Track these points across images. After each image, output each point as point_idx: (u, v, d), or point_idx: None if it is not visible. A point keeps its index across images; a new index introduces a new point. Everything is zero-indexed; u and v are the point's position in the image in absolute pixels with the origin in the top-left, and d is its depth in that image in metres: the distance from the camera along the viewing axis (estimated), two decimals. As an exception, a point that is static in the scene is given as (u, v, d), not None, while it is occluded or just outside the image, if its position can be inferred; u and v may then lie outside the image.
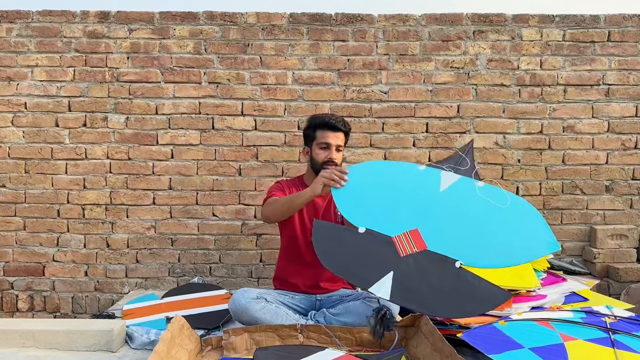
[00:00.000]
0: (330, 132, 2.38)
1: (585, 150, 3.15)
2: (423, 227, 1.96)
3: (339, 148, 2.40)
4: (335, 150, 2.38)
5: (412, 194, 2.05)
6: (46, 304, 3.14)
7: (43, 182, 3.14)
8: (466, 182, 2.10)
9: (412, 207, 2.02)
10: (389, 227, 1.97)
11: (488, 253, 1.98)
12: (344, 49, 3.12)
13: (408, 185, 2.07)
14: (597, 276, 3.02)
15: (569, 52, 3.13)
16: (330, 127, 2.38)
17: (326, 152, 2.38)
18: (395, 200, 2.04)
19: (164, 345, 1.78)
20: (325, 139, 2.38)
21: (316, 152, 2.40)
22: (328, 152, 2.38)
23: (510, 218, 2.07)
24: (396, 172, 2.15)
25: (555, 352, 1.80)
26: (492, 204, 2.04)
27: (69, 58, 3.13)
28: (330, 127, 2.38)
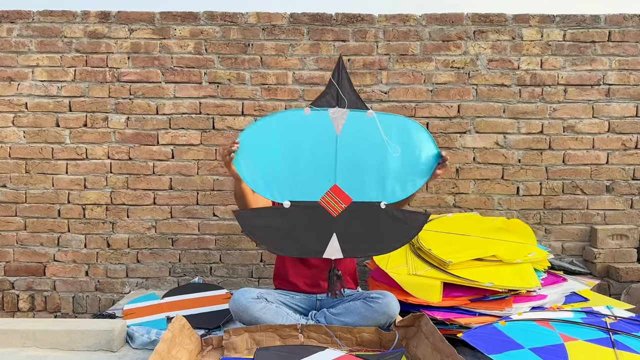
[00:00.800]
0: None
1: (585, 150, 3.15)
2: (340, 179, 1.97)
3: None
4: None
5: (315, 149, 1.98)
6: (47, 303, 3.15)
7: (44, 182, 3.14)
8: (356, 117, 2.02)
9: (322, 162, 1.98)
10: (310, 191, 1.96)
11: (398, 184, 2.03)
12: (344, 49, 3.12)
13: (306, 140, 1.98)
14: (597, 276, 3.02)
15: (569, 52, 3.13)
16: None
17: None
18: (303, 160, 1.98)
19: (164, 345, 1.79)
20: None
21: None
22: None
23: (402, 142, 2.06)
24: (287, 127, 2.00)
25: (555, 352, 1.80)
26: (388, 133, 2.03)
27: (70, 58, 3.13)
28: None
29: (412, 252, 2.59)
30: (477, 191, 3.16)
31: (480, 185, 3.16)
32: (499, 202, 3.16)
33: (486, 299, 2.29)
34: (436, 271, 2.39)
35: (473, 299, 2.29)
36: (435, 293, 2.30)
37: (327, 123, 2.00)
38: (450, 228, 2.79)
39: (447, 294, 2.31)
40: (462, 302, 2.28)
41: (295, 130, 2.00)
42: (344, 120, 2.01)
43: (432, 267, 2.42)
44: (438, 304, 2.27)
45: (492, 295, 2.29)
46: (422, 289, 2.33)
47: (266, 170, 1.98)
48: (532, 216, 3.15)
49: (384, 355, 1.92)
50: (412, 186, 2.07)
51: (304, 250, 2.00)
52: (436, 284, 2.32)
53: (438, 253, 2.43)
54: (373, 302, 2.14)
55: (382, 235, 2.01)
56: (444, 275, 2.34)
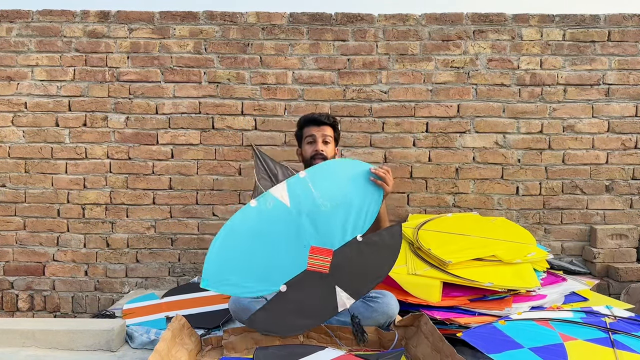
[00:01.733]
0: (314, 126, 2.40)
1: (585, 150, 3.15)
2: (313, 240, 2.02)
3: (326, 140, 2.39)
4: (321, 142, 2.38)
5: (277, 228, 2.03)
6: (46, 303, 3.15)
7: (43, 182, 3.14)
8: (294, 182, 2.08)
9: (289, 237, 2.03)
10: (295, 266, 2.00)
11: (360, 214, 2.07)
12: (344, 49, 3.12)
13: (265, 226, 2.03)
14: (597, 276, 3.02)
15: (569, 52, 3.13)
16: (312, 121, 2.41)
17: (312, 146, 2.38)
18: (273, 245, 2.02)
19: (164, 344, 1.79)
20: (309, 132, 2.40)
21: (305, 148, 2.42)
22: (314, 145, 2.38)
23: (337, 181, 2.11)
24: (243, 228, 2.04)
25: (555, 352, 1.80)
26: (322, 185, 2.07)
27: (69, 58, 3.13)
28: (313, 121, 2.41)
29: (412, 251, 2.59)
30: (477, 191, 3.16)
31: (479, 185, 3.16)
32: (499, 201, 3.16)
33: (486, 299, 2.28)
34: (436, 271, 2.39)
35: (472, 299, 2.29)
36: (434, 293, 2.30)
37: (275, 203, 2.05)
38: (450, 228, 2.79)
39: (447, 294, 2.31)
40: (462, 301, 2.27)
41: (251, 226, 2.03)
42: (285, 192, 2.08)
43: (432, 267, 2.42)
44: (437, 303, 2.27)
45: (492, 295, 2.28)
46: (421, 289, 2.33)
47: (244, 276, 1.99)
48: (532, 216, 3.16)
49: (383, 355, 1.92)
50: (373, 208, 2.10)
51: (320, 316, 2.01)
52: (436, 284, 2.32)
53: (438, 253, 2.43)
54: (372, 302, 2.14)
55: (374, 262, 2.05)
56: (444, 275, 2.34)
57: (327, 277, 2.00)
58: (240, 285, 1.97)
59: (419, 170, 3.15)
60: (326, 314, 2.00)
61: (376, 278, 2.04)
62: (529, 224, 3.14)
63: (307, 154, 2.40)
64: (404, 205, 3.16)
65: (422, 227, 2.77)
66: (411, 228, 2.77)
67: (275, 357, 1.87)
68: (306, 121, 2.44)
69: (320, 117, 2.42)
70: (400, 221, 2.29)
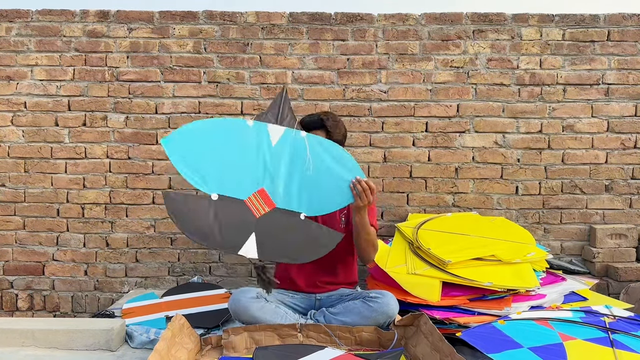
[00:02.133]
0: (310, 132, 2.32)
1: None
2: (267, 185, 2.08)
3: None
4: None
5: (250, 153, 2.10)
6: (46, 303, 3.15)
7: (43, 182, 3.14)
8: (291, 134, 2.14)
9: (253, 166, 2.10)
10: (238, 190, 2.06)
11: (318, 199, 2.11)
12: (343, 49, 3.12)
13: (243, 144, 2.10)
14: (596, 275, 3.02)
15: (568, 52, 3.13)
16: (307, 127, 2.35)
17: None
18: (236, 161, 2.08)
19: (164, 344, 1.79)
20: None
21: None
22: None
23: (327, 162, 2.13)
24: (228, 131, 2.13)
25: (554, 351, 1.80)
26: (314, 152, 2.12)
27: (69, 57, 3.13)
28: (308, 127, 2.35)
29: (412, 251, 2.60)
30: (476, 190, 3.16)
31: (479, 185, 3.16)
32: (498, 201, 3.16)
33: (485, 299, 2.29)
34: (435, 270, 2.39)
35: (472, 299, 2.29)
36: (434, 292, 2.30)
37: (264, 134, 2.12)
38: (450, 227, 2.79)
39: (446, 294, 2.32)
40: (461, 301, 2.28)
41: (235, 135, 2.10)
42: (279, 135, 2.14)
43: (431, 267, 2.42)
44: (437, 303, 2.27)
45: (491, 295, 2.29)
46: (421, 288, 2.33)
47: (198, 161, 2.05)
48: (531, 216, 3.16)
49: (383, 354, 1.93)
50: (333, 204, 2.12)
51: (221, 242, 2.04)
52: (435, 283, 2.32)
53: (437, 252, 2.43)
54: (372, 302, 2.14)
55: (296, 245, 2.08)
56: (443, 275, 2.35)
57: (253, 222, 2.04)
58: (189, 164, 2.03)
59: (418, 169, 3.15)
60: (226, 245, 2.04)
61: (288, 258, 2.10)
62: (528, 224, 3.14)
63: None
64: (403, 205, 3.16)
65: (421, 226, 2.77)
66: (411, 227, 2.77)
67: (275, 357, 1.87)
68: (302, 126, 2.34)
69: (310, 122, 2.36)
70: (342, 234, 2.20)
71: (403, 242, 2.72)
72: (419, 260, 2.49)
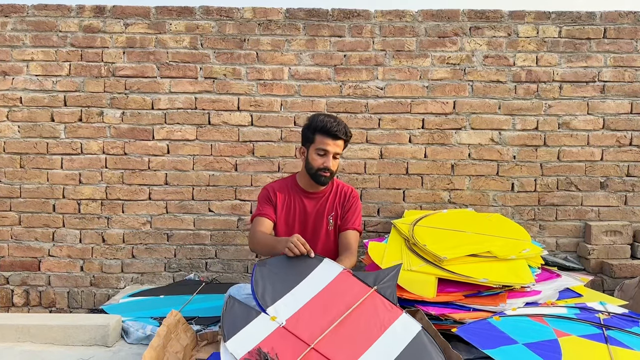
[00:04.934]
0: (330, 139, 2.32)
1: (580, 147, 3.16)
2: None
3: (336, 156, 2.36)
4: (332, 157, 2.34)
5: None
6: (42, 299, 3.14)
7: (38, 177, 3.13)
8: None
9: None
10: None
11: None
12: (340, 45, 3.11)
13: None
14: (591, 272, 3.03)
15: (564, 49, 3.13)
16: (331, 134, 2.31)
17: (323, 159, 2.33)
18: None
19: (159, 340, 1.79)
20: (324, 145, 2.32)
21: (313, 156, 2.35)
22: (325, 159, 2.33)
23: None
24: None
25: (549, 347, 1.80)
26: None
27: (65, 52, 3.11)
28: (331, 134, 2.31)
29: (408, 248, 2.59)
30: (472, 187, 3.16)
31: (475, 182, 3.16)
32: (494, 198, 3.16)
33: (480, 295, 2.28)
34: (431, 267, 2.38)
35: (467, 295, 2.29)
36: (430, 288, 2.30)
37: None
38: (445, 224, 2.79)
39: (442, 290, 2.31)
40: (457, 297, 2.27)
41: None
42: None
43: (427, 263, 2.42)
44: (433, 299, 2.26)
45: (487, 291, 2.28)
46: (417, 285, 2.33)
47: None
48: (527, 212, 3.16)
49: (381, 273, 1.96)
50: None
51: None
52: (431, 280, 2.32)
53: (433, 249, 2.43)
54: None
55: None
56: (439, 271, 2.34)
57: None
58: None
59: (414, 166, 3.15)
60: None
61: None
62: (524, 221, 3.14)
63: (314, 164, 2.35)
64: (399, 201, 3.16)
65: (417, 223, 2.77)
66: (407, 224, 2.77)
67: (274, 276, 1.92)
68: (323, 130, 2.33)
69: (338, 133, 2.32)
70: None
71: (399, 239, 2.72)
72: (414, 257, 2.49)
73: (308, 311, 1.86)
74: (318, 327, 1.80)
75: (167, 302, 2.62)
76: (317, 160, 2.34)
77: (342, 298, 1.91)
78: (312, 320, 1.83)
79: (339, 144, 2.35)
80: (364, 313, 1.87)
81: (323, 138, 2.32)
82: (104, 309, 2.58)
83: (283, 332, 1.78)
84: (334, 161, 2.36)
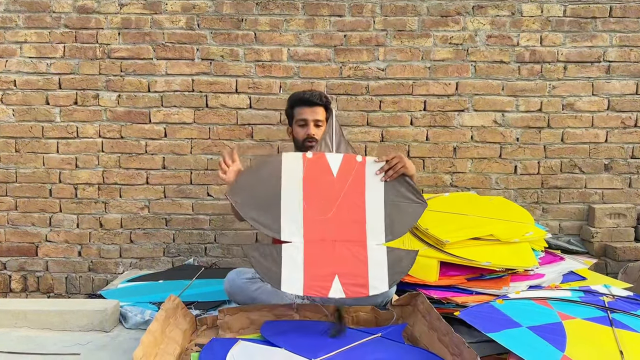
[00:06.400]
0: (307, 107, 2.36)
1: (584, 129, 3.12)
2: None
3: (317, 123, 2.36)
4: (313, 125, 2.35)
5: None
6: (39, 284, 3.12)
7: (34, 161, 3.10)
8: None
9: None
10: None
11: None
12: (340, 25, 3.06)
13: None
14: (594, 255, 3.01)
15: (569, 28, 3.08)
16: (305, 102, 2.36)
17: (304, 129, 2.36)
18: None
19: (157, 325, 1.77)
20: (302, 115, 2.36)
21: (296, 130, 2.40)
22: (306, 128, 2.35)
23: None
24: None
25: (553, 330, 1.79)
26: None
27: (59, 34, 3.06)
28: (305, 102, 2.36)
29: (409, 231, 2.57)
30: (475, 170, 3.13)
31: (477, 164, 3.13)
32: (497, 181, 3.13)
33: (483, 278, 2.27)
34: (433, 250, 2.37)
35: (470, 278, 2.27)
36: (432, 272, 2.28)
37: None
38: (448, 207, 2.76)
39: (444, 273, 2.30)
40: (459, 281, 2.26)
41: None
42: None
43: (429, 247, 2.40)
44: (435, 283, 2.25)
45: (489, 275, 2.27)
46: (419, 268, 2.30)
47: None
48: (530, 195, 3.13)
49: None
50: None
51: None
52: (433, 263, 2.31)
53: (435, 232, 2.41)
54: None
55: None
56: (441, 255, 2.33)
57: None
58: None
59: (416, 149, 3.12)
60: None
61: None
62: (527, 203, 3.12)
63: (299, 137, 2.38)
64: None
65: (419, 206, 2.74)
66: (408, 207, 2.74)
67: (257, 205, 2.01)
68: (298, 101, 2.39)
69: (312, 98, 2.36)
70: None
71: (400, 222, 2.69)
72: (416, 241, 2.47)
73: (310, 212, 2.01)
74: (324, 220, 2.01)
75: (166, 287, 2.60)
76: (300, 132, 2.38)
77: (323, 180, 2.05)
78: (319, 217, 2.01)
79: (317, 111, 2.36)
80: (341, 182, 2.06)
81: (300, 109, 2.37)
82: (102, 294, 2.56)
83: (310, 244, 1.97)
84: (317, 129, 2.36)
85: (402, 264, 2.00)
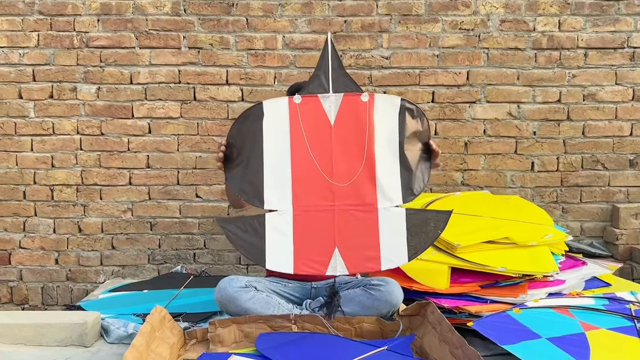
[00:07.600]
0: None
1: (607, 121, 3.13)
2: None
3: None
4: None
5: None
6: (13, 295, 3.12)
7: (6, 161, 3.10)
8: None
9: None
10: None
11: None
12: (340, 9, 3.06)
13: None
14: (619, 259, 3.02)
15: (590, 12, 3.08)
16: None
17: None
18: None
19: (142, 339, 1.77)
20: None
21: None
22: None
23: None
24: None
25: (575, 342, 1.80)
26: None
27: (32, 21, 3.06)
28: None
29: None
30: (488, 167, 3.14)
31: (491, 161, 3.13)
32: (512, 178, 3.14)
33: (498, 285, 2.29)
34: (443, 255, 2.38)
35: (484, 285, 2.29)
36: (442, 279, 2.29)
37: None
38: (459, 208, 2.75)
39: (455, 280, 2.31)
40: (472, 288, 2.28)
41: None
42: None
43: (439, 251, 2.42)
44: (445, 290, 2.27)
45: (505, 281, 2.29)
46: (428, 275, 2.32)
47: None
48: (548, 194, 3.14)
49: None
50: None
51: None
52: (443, 269, 2.32)
53: (445, 235, 2.39)
54: (374, 290, 2.13)
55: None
56: (452, 260, 2.34)
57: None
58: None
59: (424, 144, 3.12)
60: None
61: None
62: (545, 203, 3.12)
63: None
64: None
65: (428, 207, 2.76)
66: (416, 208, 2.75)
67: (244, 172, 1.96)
68: (298, 92, 2.38)
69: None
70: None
71: (407, 225, 2.70)
72: (425, 244, 2.48)
73: (300, 173, 1.89)
74: (319, 181, 1.87)
75: (151, 297, 2.60)
76: None
77: (317, 130, 1.92)
78: (313, 177, 1.88)
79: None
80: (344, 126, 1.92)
81: None
82: (82, 306, 2.56)
83: (301, 212, 1.86)
84: None
85: (426, 228, 1.84)
